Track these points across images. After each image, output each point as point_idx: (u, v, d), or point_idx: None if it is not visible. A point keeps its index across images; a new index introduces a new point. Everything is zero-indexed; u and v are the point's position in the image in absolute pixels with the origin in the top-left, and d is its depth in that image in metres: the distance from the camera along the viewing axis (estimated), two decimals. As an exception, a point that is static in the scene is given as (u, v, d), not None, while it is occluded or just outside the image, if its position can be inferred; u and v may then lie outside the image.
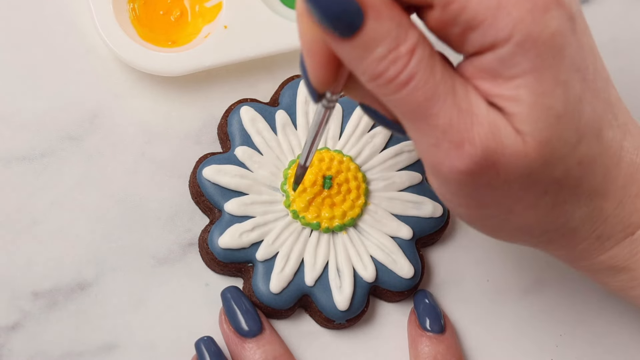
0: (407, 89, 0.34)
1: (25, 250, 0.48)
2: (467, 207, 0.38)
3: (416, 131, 0.35)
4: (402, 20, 0.34)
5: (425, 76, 0.34)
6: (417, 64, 0.34)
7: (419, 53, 0.34)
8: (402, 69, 0.34)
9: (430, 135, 0.35)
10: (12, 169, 0.49)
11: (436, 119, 0.34)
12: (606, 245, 0.40)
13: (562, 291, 0.50)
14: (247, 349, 0.46)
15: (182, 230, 0.49)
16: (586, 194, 0.38)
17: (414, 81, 0.34)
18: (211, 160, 0.48)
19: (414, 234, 0.48)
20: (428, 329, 0.48)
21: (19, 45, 0.50)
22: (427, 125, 0.35)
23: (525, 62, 0.34)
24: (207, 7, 0.51)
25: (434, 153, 0.35)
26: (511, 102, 0.35)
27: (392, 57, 0.34)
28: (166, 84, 0.50)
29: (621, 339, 0.50)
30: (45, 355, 0.47)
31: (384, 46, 0.34)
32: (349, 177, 0.48)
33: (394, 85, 0.34)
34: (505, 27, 0.33)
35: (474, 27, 0.34)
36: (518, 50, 0.34)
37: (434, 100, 0.34)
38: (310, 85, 0.37)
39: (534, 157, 0.35)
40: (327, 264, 0.47)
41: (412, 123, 0.35)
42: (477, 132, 0.34)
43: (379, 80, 0.34)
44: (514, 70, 0.34)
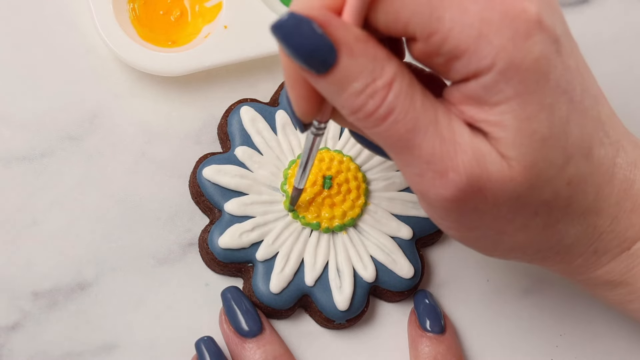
0: (387, 122, 0.34)
1: (25, 250, 0.48)
2: (457, 230, 0.38)
3: (400, 161, 0.36)
4: (378, 54, 0.34)
5: (404, 108, 0.34)
6: (395, 97, 0.34)
7: (396, 86, 0.34)
8: (380, 103, 0.34)
9: (415, 165, 0.35)
10: (12, 169, 0.49)
11: (419, 149, 0.35)
12: (603, 260, 0.40)
13: (562, 291, 0.50)
14: (247, 349, 0.46)
15: (182, 230, 0.49)
16: (579, 213, 0.38)
17: (393, 114, 0.34)
18: (211, 160, 0.48)
19: (414, 234, 0.48)
20: (428, 329, 0.48)
21: (19, 45, 0.50)
22: (411, 156, 0.35)
23: (508, 88, 0.34)
24: (207, 7, 0.51)
25: (419, 182, 0.36)
26: (496, 127, 0.35)
27: (369, 92, 0.34)
28: (166, 84, 0.50)
29: (621, 339, 0.50)
30: (45, 355, 0.47)
31: (359, 81, 0.34)
32: (349, 177, 0.48)
33: (374, 119, 0.34)
34: (487, 56, 0.34)
35: (457, 56, 0.34)
36: (501, 78, 0.34)
37: (415, 131, 0.34)
38: (295, 116, 0.37)
39: (520, 180, 0.35)
40: (327, 264, 0.47)
41: (395, 155, 0.35)
42: (461, 160, 0.35)
43: (358, 114, 0.34)
44: (497, 97, 0.34)
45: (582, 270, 0.41)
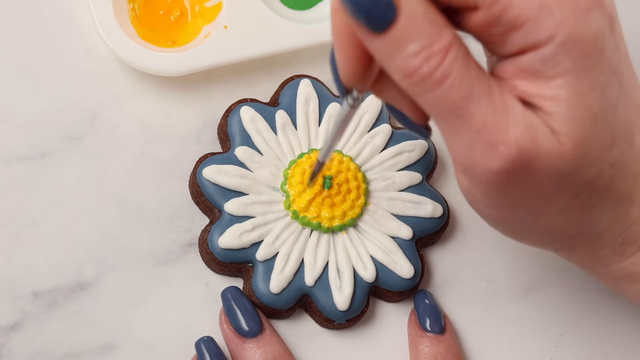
0: (441, 87, 0.34)
1: (25, 250, 0.48)
2: (497, 207, 0.38)
3: (450, 131, 0.35)
4: (437, 19, 0.34)
5: (460, 75, 0.34)
6: (451, 62, 0.34)
7: (453, 52, 0.34)
8: (436, 66, 0.34)
9: (464, 136, 0.35)
10: (12, 169, 0.49)
11: (471, 119, 0.34)
12: (628, 252, 0.40)
13: (562, 291, 0.50)
14: (247, 349, 0.46)
15: (182, 230, 0.49)
16: (615, 199, 0.38)
17: (448, 80, 0.34)
18: (211, 160, 0.48)
19: (414, 234, 0.48)
20: (428, 329, 0.48)
21: (19, 45, 0.50)
22: (462, 125, 0.35)
23: (566, 61, 0.34)
24: (207, 7, 0.51)
25: (467, 153, 0.35)
26: (550, 101, 0.35)
27: (425, 54, 0.34)
28: (166, 84, 0.50)
29: (621, 339, 0.50)
30: (45, 355, 0.47)
31: (416, 43, 0.33)
32: (349, 177, 0.48)
33: (428, 84, 0.34)
34: (548, 27, 0.34)
35: (516, 27, 0.34)
36: (560, 50, 0.34)
37: (469, 99, 0.34)
38: (339, 79, 0.37)
39: (568, 157, 0.35)
40: (327, 264, 0.47)
41: (445, 123, 0.35)
42: (513, 132, 0.34)
43: (413, 77, 0.34)
44: (555, 70, 0.34)
45: (607, 262, 0.41)
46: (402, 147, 0.49)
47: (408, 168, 0.49)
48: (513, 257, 0.51)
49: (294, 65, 0.51)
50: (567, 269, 0.51)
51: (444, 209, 0.49)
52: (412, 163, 0.49)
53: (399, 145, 0.49)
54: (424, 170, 0.50)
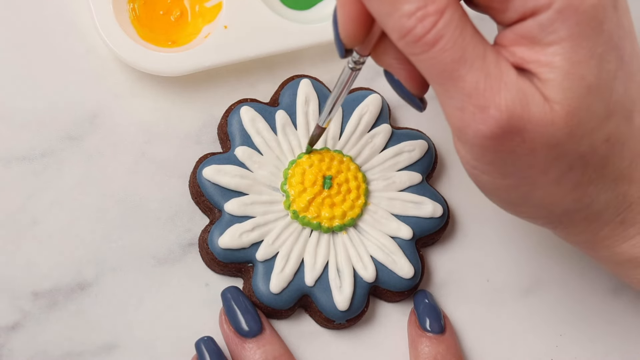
0: (434, 49, 0.34)
1: (25, 250, 0.48)
2: (491, 174, 0.38)
3: (443, 94, 0.36)
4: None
5: (453, 38, 0.34)
6: (445, 25, 0.34)
7: (448, 15, 0.34)
8: (430, 27, 0.34)
9: (456, 98, 0.35)
10: (12, 169, 0.49)
11: (462, 81, 0.35)
12: (630, 232, 0.40)
13: (562, 291, 0.50)
14: (247, 349, 0.46)
15: (182, 230, 0.49)
16: (612, 177, 0.38)
17: (441, 42, 0.34)
18: (211, 160, 0.48)
19: (414, 234, 0.48)
20: (428, 329, 0.48)
21: (19, 45, 0.50)
22: (454, 88, 0.35)
23: (563, 29, 0.35)
24: (207, 7, 0.51)
25: (459, 116, 0.36)
26: (546, 67, 0.35)
27: (419, 15, 0.34)
28: (166, 84, 0.50)
29: (621, 339, 0.50)
30: (45, 355, 0.47)
31: (412, 3, 0.34)
32: (349, 177, 0.48)
33: (422, 44, 0.35)
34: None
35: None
36: (558, 17, 0.34)
37: (461, 62, 0.35)
38: (339, 39, 0.37)
39: (560, 125, 0.35)
40: (327, 264, 0.47)
41: (439, 85, 0.36)
42: (504, 97, 0.35)
43: (407, 37, 0.35)
44: (551, 37, 0.35)
45: (608, 243, 0.41)
46: (402, 147, 0.49)
47: (408, 168, 0.49)
48: (513, 257, 0.51)
49: (294, 65, 0.51)
50: (567, 269, 0.51)
51: (444, 209, 0.49)
52: (412, 163, 0.49)
53: (399, 145, 0.49)
54: (424, 170, 0.50)
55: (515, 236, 0.51)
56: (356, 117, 0.49)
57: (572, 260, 0.51)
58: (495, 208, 0.50)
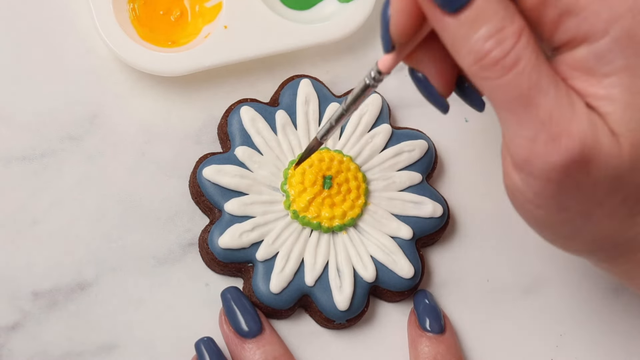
0: (512, 73, 0.33)
1: (25, 250, 0.48)
2: (547, 208, 0.36)
3: (512, 121, 0.34)
4: (509, 4, 0.33)
5: (531, 62, 0.33)
6: (523, 47, 0.33)
7: (525, 37, 0.33)
8: (508, 50, 0.33)
9: (528, 127, 0.34)
10: (12, 169, 0.49)
11: (537, 109, 0.34)
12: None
13: (562, 291, 0.50)
14: (247, 349, 0.46)
15: (182, 230, 0.49)
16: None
17: (519, 65, 0.33)
18: (211, 160, 0.48)
19: (414, 234, 0.48)
20: (428, 329, 0.48)
21: (19, 45, 0.50)
22: (527, 116, 0.34)
23: (620, 59, 0.34)
24: (207, 7, 0.51)
25: (528, 146, 0.34)
26: (604, 101, 0.34)
27: (498, 37, 0.33)
28: (166, 84, 0.50)
29: (621, 339, 0.50)
30: (45, 355, 0.47)
31: (490, 25, 0.33)
32: (349, 177, 0.48)
33: (499, 68, 0.33)
34: (604, 20, 0.33)
35: (573, 12, 0.34)
36: (614, 47, 0.34)
37: (537, 88, 0.34)
38: (387, 32, 0.36)
39: (625, 158, 0.35)
40: (327, 264, 0.47)
41: (510, 112, 0.34)
42: (577, 128, 0.34)
43: (484, 61, 0.33)
44: (608, 67, 0.34)
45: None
46: (402, 147, 0.49)
47: (408, 168, 0.49)
48: (513, 257, 0.51)
49: (294, 65, 0.51)
50: (567, 269, 0.51)
51: (444, 209, 0.49)
52: (412, 163, 0.49)
53: (399, 145, 0.49)
54: (424, 170, 0.49)
55: (515, 236, 0.51)
56: (356, 117, 0.49)
57: (572, 260, 0.51)
58: (495, 208, 0.51)
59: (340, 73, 0.52)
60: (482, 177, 0.51)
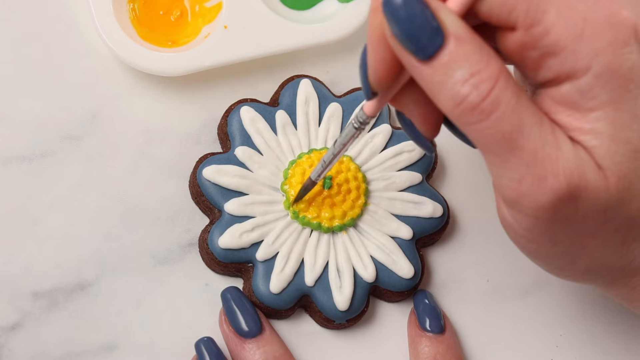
0: (492, 117, 0.33)
1: (25, 250, 0.48)
2: (540, 243, 0.37)
3: (498, 163, 0.34)
4: (484, 46, 0.33)
5: (511, 105, 0.33)
6: (501, 91, 0.33)
7: (503, 80, 0.33)
8: (486, 94, 0.33)
9: (513, 169, 0.34)
10: (12, 169, 0.49)
11: (521, 151, 0.33)
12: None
13: (562, 291, 0.50)
14: (247, 349, 0.46)
15: (182, 230, 0.49)
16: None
17: (499, 110, 0.33)
18: (211, 160, 0.48)
19: (414, 234, 0.48)
20: (428, 329, 0.48)
21: (19, 45, 0.50)
22: (512, 158, 0.34)
23: (603, 94, 0.34)
24: (207, 7, 0.51)
25: (514, 187, 0.34)
26: (589, 135, 0.34)
27: (474, 81, 0.33)
28: (166, 84, 0.50)
29: (621, 339, 0.50)
30: (45, 355, 0.47)
31: (464, 69, 0.33)
32: (349, 177, 0.48)
33: (478, 112, 0.33)
34: (585, 57, 0.33)
35: (554, 53, 0.34)
36: (597, 82, 0.33)
37: (520, 131, 0.33)
38: (367, 81, 0.36)
39: (612, 192, 0.34)
40: (327, 264, 0.47)
41: (494, 155, 0.34)
42: (562, 167, 0.34)
43: (462, 105, 0.33)
44: (592, 103, 0.34)
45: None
46: (402, 147, 0.49)
47: (408, 168, 0.49)
48: (513, 257, 0.51)
49: (294, 65, 0.51)
50: (567, 269, 0.51)
51: (444, 209, 0.49)
52: (412, 163, 0.49)
53: (399, 145, 0.49)
54: (424, 170, 0.50)
55: (515, 236, 0.51)
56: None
57: (572, 260, 0.51)
58: (495, 208, 0.50)
59: (340, 73, 0.52)
60: (482, 177, 0.51)
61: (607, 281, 0.39)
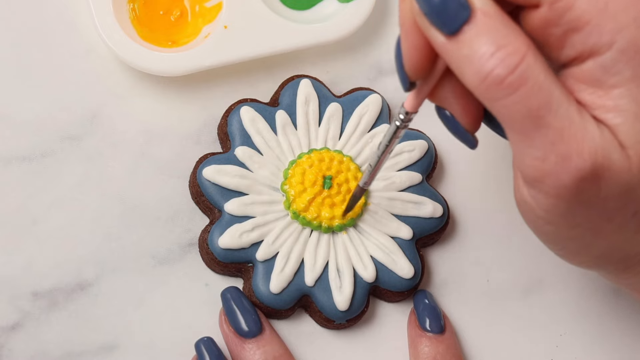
0: (519, 92, 0.33)
1: (25, 250, 0.48)
2: (558, 225, 0.36)
3: (522, 140, 0.34)
4: (510, 23, 0.33)
5: (539, 80, 0.33)
6: (529, 65, 0.33)
7: (531, 55, 0.33)
8: (513, 68, 0.32)
9: (538, 147, 0.33)
10: (12, 169, 0.49)
11: (547, 129, 0.33)
12: None
13: (562, 291, 0.50)
14: (247, 349, 0.46)
15: (182, 230, 0.49)
16: None
17: (527, 84, 0.33)
18: (211, 160, 0.48)
19: (414, 234, 0.48)
20: (428, 329, 0.48)
21: (19, 45, 0.50)
22: (537, 135, 0.33)
23: (627, 70, 0.33)
24: (207, 7, 0.51)
25: (538, 166, 0.34)
26: (613, 112, 0.34)
27: (501, 55, 0.32)
28: (166, 84, 0.50)
29: (621, 339, 0.50)
30: (45, 355, 0.47)
31: (492, 42, 0.33)
32: (349, 177, 0.48)
33: (505, 87, 0.33)
34: (609, 32, 0.33)
35: (577, 28, 0.33)
36: (621, 58, 0.33)
37: (547, 108, 0.33)
38: (403, 70, 0.36)
39: (635, 172, 0.34)
40: (327, 264, 0.47)
41: (519, 132, 0.34)
42: (588, 146, 0.33)
43: (488, 80, 0.33)
44: (616, 79, 0.33)
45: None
46: (402, 147, 0.49)
47: (408, 168, 0.49)
48: (513, 257, 0.51)
49: (294, 65, 0.51)
50: (567, 269, 0.51)
51: (444, 209, 0.49)
52: (412, 163, 0.49)
53: (399, 145, 0.49)
54: (424, 170, 0.50)
55: (515, 236, 0.51)
56: (356, 117, 0.49)
57: (572, 260, 0.51)
58: (495, 208, 0.51)
59: (340, 73, 0.52)
60: (482, 177, 0.51)
61: (620, 269, 0.39)
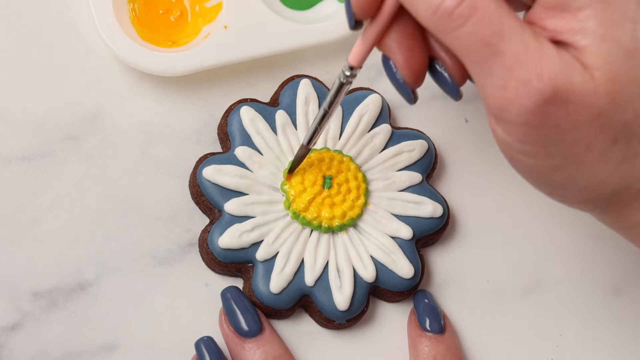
0: (470, 22, 0.33)
1: (25, 250, 0.48)
2: (535, 156, 0.36)
3: (480, 72, 0.34)
4: None
5: (489, 10, 0.33)
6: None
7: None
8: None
9: (496, 75, 0.34)
10: (12, 169, 0.49)
11: (502, 56, 0.34)
12: None
13: (562, 291, 0.50)
14: (247, 349, 0.46)
15: (182, 230, 0.49)
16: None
17: (477, 14, 0.33)
18: (211, 160, 0.48)
19: (414, 234, 0.48)
20: (428, 329, 0.48)
21: (19, 45, 0.50)
22: (493, 64, 0.34)
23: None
24: (207, 7, 0.51)
25: (500, 94, 0.34)
26: (580, 34, 0.34)
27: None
28: (166, 84, 0.50)
29: (621, 339, 0.50)
30: (45, 355, 0.47)
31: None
32: (349, 177, 0.48)
33: (455, 18, 0.33)
34: None
35: None
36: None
37: (500, 35, 0.33)
38: (350, 6, 0.36)
39: (602, 94, 0.34)
40: (327, 264, 0.47)
41: (476, 63, 0.34)
42: (546, 69, 0.34)
43: (439, 11, 0.33)
44: (581, 1, 0.34)
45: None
46: (402, 147, 0.49)
47: (408, 168, 0.49)
48: (513, 257, 0.51)
49: (294, 65, 0.51)
50: (567, 269, 0.51)
51: (444, 209, 0.49)
52: (412, 163, 0.49)
53: (399, 145, 0.49)
54: (424, 170, 0.50)
55: (515, 236, 0.51)
56: (356, 117, 0.49)
57: (572, 260, 0.51)
58: (495, 208, 0.51)
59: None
60: (482, 177, 0.51)
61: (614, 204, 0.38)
